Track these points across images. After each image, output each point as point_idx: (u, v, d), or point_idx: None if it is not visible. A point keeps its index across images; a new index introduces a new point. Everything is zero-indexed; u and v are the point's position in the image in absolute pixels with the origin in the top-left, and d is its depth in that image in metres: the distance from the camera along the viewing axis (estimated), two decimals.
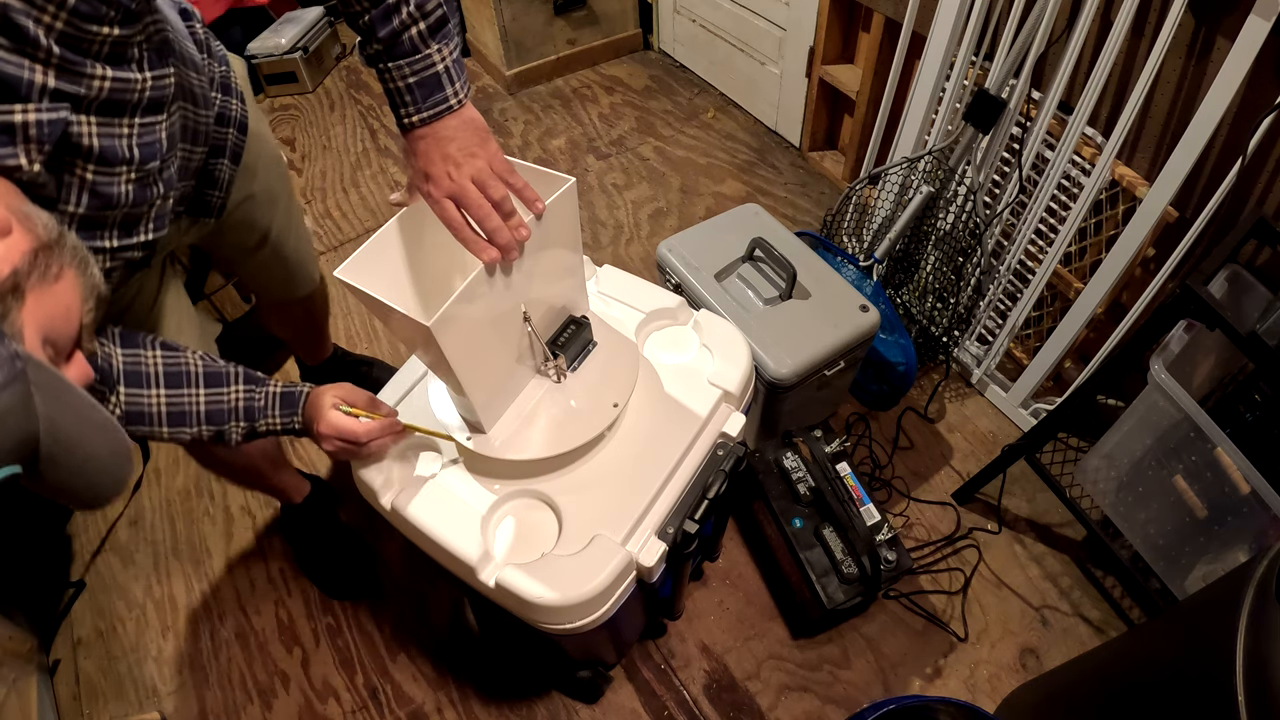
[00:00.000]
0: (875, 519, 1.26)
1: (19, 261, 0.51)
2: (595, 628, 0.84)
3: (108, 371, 0.79)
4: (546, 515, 0.88)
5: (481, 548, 0.83)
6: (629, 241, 2.14)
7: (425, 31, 0.72)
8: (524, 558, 0.84)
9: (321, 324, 1.52)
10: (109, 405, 0.79)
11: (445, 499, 0.89)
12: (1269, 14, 1.03)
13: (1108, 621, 1.37)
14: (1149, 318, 1.08)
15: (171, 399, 0.82)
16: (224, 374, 0.86)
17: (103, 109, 0.63)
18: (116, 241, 0.71)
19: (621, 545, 0.83)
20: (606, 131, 2.52)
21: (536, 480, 0.89)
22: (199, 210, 0.97)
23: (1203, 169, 1.26)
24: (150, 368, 0.81)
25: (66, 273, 0.55)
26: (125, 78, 0.63)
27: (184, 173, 0.83)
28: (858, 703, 1.29)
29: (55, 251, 0.54)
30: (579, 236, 0.87)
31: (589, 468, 0.91)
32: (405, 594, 1.46)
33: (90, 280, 0.58)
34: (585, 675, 1.23)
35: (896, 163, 1.60)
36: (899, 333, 1.56)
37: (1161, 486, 1.17)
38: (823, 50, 2.06)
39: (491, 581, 0.82)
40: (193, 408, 0.84)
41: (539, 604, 0.80)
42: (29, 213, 0.55)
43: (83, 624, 1.46)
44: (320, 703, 1.33)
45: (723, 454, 0.92)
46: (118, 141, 0.65)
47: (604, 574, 0.81)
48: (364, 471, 0.92)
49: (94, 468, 0.51)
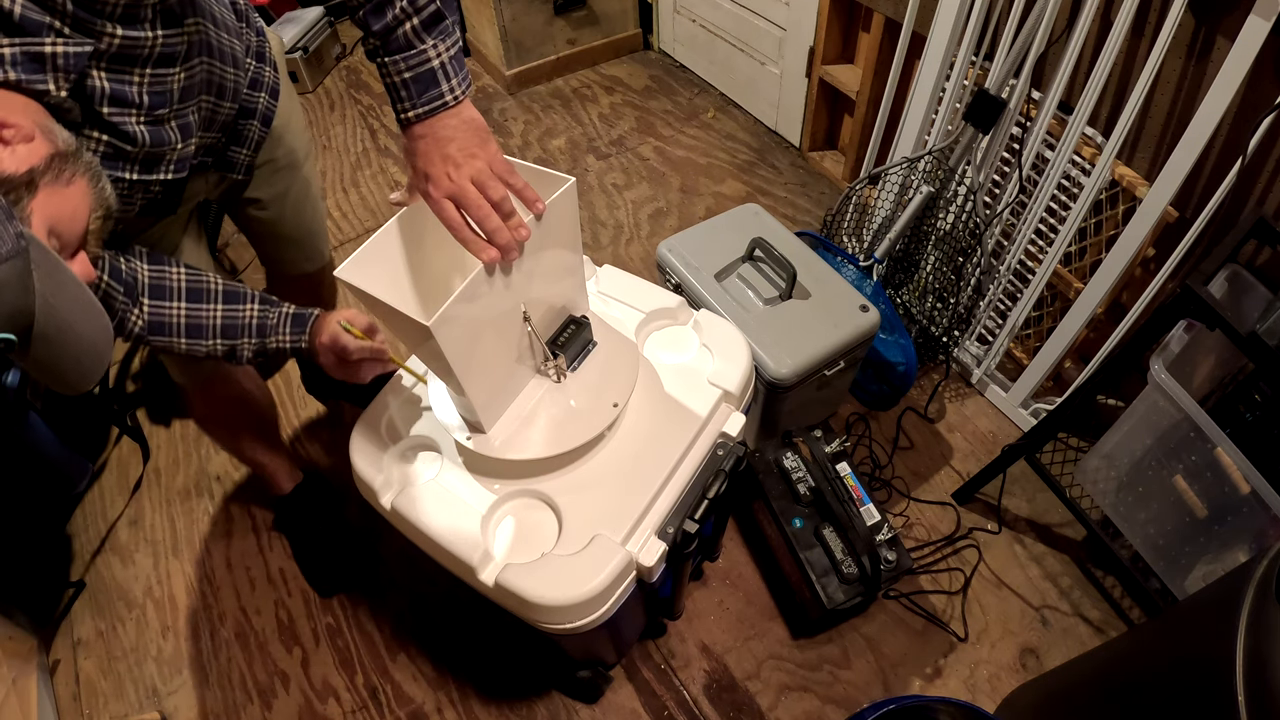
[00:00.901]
0: (875, 519, 1.26)
1: (37, 162, 0.60)
2: (595, 627, 0.84)
3: (132, 284, 0.87)
4: (546, 515, 0.89)
5: (481, 548, 0.83)
6: (629, 241, 2.14)
7: (419, 26, 0.74)
8: (524, 557, 0.84)
9: (329, 307, 1.54)
10: (133, 317, 0.87)
11: (445, 499, 0.89)
12: (1269, 14, 1.03)
13: (1108, 621, 1.37)
14: (1149, 318, 1.08)
15: (191, 312, 0.90)
16: (241, 293, 0.94)
17: (114, 60, 0.70)
18: (136, 175, 0.79)
19: (621, 545, 0.83)
20: (606, 131, 2.52)
21: (536, 480, 0.89)
22: (225, 166, 1.04)
23: (1203, 169, 1.26)
24: (173, 282, 0.90)
25: (78, 180, 0.64)
26: (135, 35, 0.69)
27: (208, 124, 0.89)
28: (858, 703, 1.29)
29: (70, 161, 0.63)
30: (579, 236, 0.87)
31: (589, 467, 0.91)
32: (405, 594, 1.46)
33: (101, 194, 0.67)
34: (585, 675, 1.23)
35: (896, 163, 1.60)
36: (899, 333, 1.56)
37: (1161, 486, 1.17)
38: (823, 50, 2.06)
39: (491, 581, 0.82)
40: (209, 321, 0.91)
41: (539, 603, 0.80)
42: (51, 127, 0.64)
43: (83, 624, 1.46)
44: (320, 703, 1.33)
45: (722, 454, 0.92)
46: (128, 88, 0.72)
47: (604, 573, 0.81)
48: (363, 471, 0.92)
49: (82, 348, 0.57)
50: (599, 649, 1.15)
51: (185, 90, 0.80)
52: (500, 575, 0.82)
